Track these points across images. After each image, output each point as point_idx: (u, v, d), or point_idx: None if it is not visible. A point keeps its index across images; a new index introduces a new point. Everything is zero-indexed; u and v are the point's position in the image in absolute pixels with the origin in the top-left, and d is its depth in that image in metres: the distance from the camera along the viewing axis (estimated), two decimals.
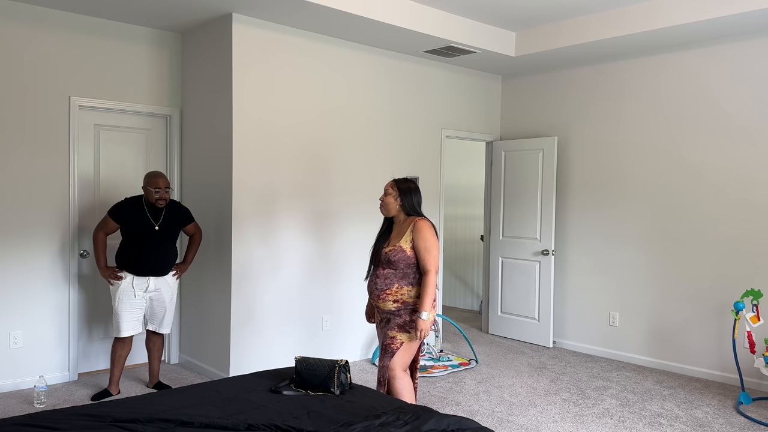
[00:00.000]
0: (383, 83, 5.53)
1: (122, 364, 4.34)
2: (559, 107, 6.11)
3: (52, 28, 4.54)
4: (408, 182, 3.52)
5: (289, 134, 4.91)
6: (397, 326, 3.39)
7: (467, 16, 5.19)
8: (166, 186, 4.25)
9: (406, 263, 3.38)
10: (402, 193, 3.48)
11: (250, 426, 2.57)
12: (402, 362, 3.41)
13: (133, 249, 4.21)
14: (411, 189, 3.49)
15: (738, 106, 4.92)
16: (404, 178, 3.55)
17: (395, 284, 3.38)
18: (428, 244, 3.36)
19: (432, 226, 3.43)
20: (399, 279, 3.39)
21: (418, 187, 3.54)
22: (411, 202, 3.48)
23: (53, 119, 4.58)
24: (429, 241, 3.36)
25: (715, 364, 5.04)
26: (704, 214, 5.10)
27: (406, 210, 3.49)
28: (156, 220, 4.26)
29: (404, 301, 3.38)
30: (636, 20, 4.85)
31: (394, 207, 3.49)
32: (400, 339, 3.38)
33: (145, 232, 4.21)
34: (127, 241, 4.24)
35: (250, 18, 4.62)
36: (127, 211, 4.23)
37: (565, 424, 3.97)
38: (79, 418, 2.60)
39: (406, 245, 3.39)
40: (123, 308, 4.22)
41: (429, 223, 3.43)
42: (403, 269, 3.39)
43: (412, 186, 3.51)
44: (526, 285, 6.19)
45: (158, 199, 4.22)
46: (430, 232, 3.39)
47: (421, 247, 3.36)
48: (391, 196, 3.49)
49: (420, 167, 5.86)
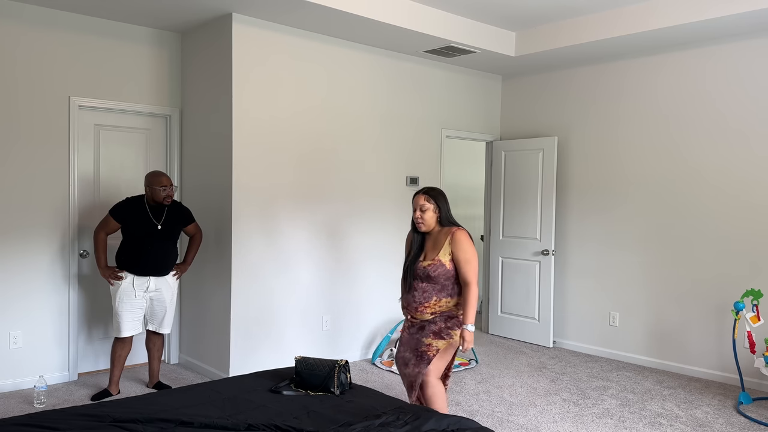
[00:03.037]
0: (383, 83, 5.53)
1: (122, 364, 4.34)
2: (559, 107, 6.11)
3: (51, 28, 4.54)
4: (439, 192, 3.44)
5: (290, 134, 4.91)
6: (432, 333, 3.36)
7: (467, 16, 5.19)
8: (170, 183, 4.27)
9: (446, 276, 3.34)
10: (438, 204, 3.41)
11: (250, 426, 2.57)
12: (437, 369, 3.38)
13: (134, 249, 4.21)
14: (443, 197, 3.43)
15: (737, 107, 4.92)
16: (433, 188, 3.46)
17: (434, 297, 3.35)
18: (468, 256, 3.31)
19: (469, 235, 3.38)
20: (438, 292, 3.35)
21: (445, 194, 3.48)
22: (447, 213, 3.43)
23: (53, 119, 4.58)
24: (469, 253, 3.31)
25: (715, 364, 5.04)
26: (704, 213, 5.10)
27: (442, 221, 3.42)
28: (158, 220, 4.26)
29: (441, 311, 3.37)
30: (636, 20, 4.85)
31: (434, 220, 3.41)
32: (436, 346, 3.35)
33: (147, 231, 4.21)
34: (128, 241, 4.24)
35: (249, 18, 4.62)
36: (129, 210, 4.23)
37: (565, 424, 3.97)
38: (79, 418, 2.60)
39: (445, 258, 3.34)
40: (123, 308, 4.22)
41: (466, 234, 3.38)
42: (442, 282, 3.35)
43: (443, 194, 3.44)
44: (526, 285, 6.19)
45: (165, 197, 4.23)
46: (468, 242, 3.34)
47: (461, 259, 3.31)
48: (430, 210, 3.40)
49: (420, 167, 5.86)
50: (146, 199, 4.29)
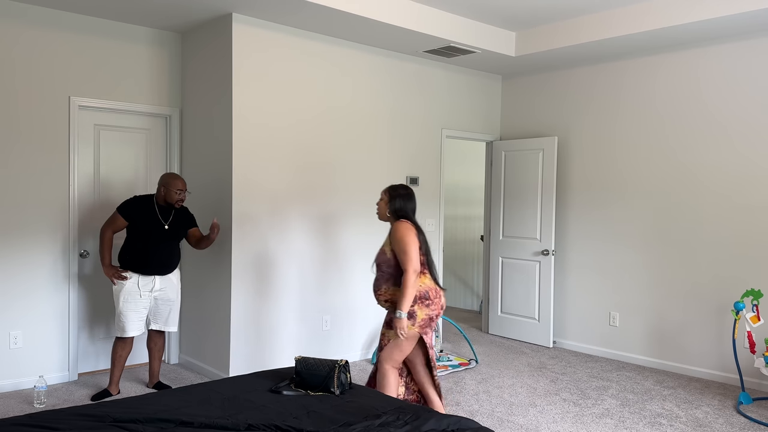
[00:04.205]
0: (383, 83, 5.53)
1: (123, 364, 4.34)
2: (560, 107, 6.11)
3: (51, 27, 4.54)
4: (400, 188, 3.62)
5: (290, 134, 4.91)
6: (386, 323, 3.60)
7: (467, 16, 5.19)
8: (185, 188, 4.33)
9: (388, 265, 3.52)
10: (392, 198, 3.60)
11: (250, 426, 2.57)
12: (390, 358, 3.52)
13: (139, 248, 4.22)
14: (401, 195, 3.59)
15: (738, 107, 4.92)
16: (399, 185, 3.65)
17: (383, 286, 3.55)
18: (402, 246, 3.43)
19: (411, 227, 3.49)
20: (386, 281, 3.54)
21: (410, 193, 3.62)
22: (397, 207, 3.58)
23: (53, 119, 4.58)
24: (403, 242, 3.43)
25: (715, 364, 5.04)
26: (704, 213, 5.10)
27: (394, 215, 3.59)
28: (166, 220, 4.28)
29: (393, 301, 3.53)
30: (636, 20, 4.85)
31: (384, 212, 3.64)
32: (387, 336, 3.56)
33: (154, 230, 4.22)
34: (134, 240, 4.24)
35: (250, 18, 4.62)
36: (137, 208, 4.24)
37: (565, 424, 3.97)
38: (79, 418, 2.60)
39: (388, 248, 3.54)
40: (129, 308, 4.22)
41: (407, 225, 3.49)
42: (388, 271, 3.53)
43: (402, 192, 3.60)
44: (526, 285, 6.19)
45: (178, 200, 4.28)
46: (404, 233, 3.45)
47: (396, 249, 3.46)
48: (383, 201, 3.64)
49: (420, 167, 5.86)
50: (156, 198, 4.31)
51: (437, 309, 3.51)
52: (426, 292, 3.46)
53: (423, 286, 3.47)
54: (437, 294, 3.52)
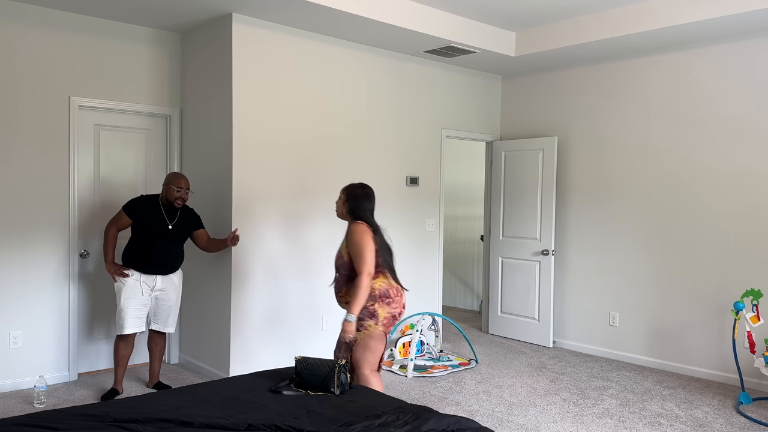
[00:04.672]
0: (383, 83, 5.53)
1: (125, 364, 4.33)
2: (559, 107, 6.11)
3: (51, 28, 4.54)
4: (357, 188, 3.56)
5: (290, 134, 4.91)
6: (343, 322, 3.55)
7: (467, 16, 5.19)
8: (187, 187, 4.31)
9: (345, 267, 3.47)
10: (349, 197, 3.54)
11: (250, 426, 2.57)
12: (364, 362, 3.47)
13: (143, 246, 4.22)
14: (357, 195, 3.54)
15: (739, 107, 4.92)
16: (357, 184, 3.60)
17: (343, 288, 3.50)
18: (357, 248, 3.39)
19: (367, 229, 3.44)
20: (345, 283, 3.49)
21: (368, 193, 3.56)
22: (353, 207, 3.52)
23: (53, 119, 4.58)
24: (358, 245, 3.38)
25: (715, 364, 5.04)
26: (704, 213, 5.10)
27: (352, 215, 3.54)
28: (171, 220, 4.28)
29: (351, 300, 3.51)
30: (637, 20, 4.85)
31: (341, 211, 3.58)
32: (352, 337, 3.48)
33: (159, 230, 4.23)
34: (138, 239, 4.25)
35: (250, 18, 4.62)
36: (142, 207, 4.25)
37: (565, 424, 3.97)
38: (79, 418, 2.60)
39: (345, 251, 3.48)
40: (129, 305, 4.22)
41: (362, 227, 3.44)
42: (345, 273, 3.49)
43: (360, 192, 3.54)
44: (526, 285, 6.19)
45: (177, 199, 4.26)
46: (359, 235, 3.40)
47: (351, 251, 3.42)
48: (340, 201, 3.58)
49: (420, 167, 5.86)
50: (161, 198, 4.32)
51: (399, 307, 3.51)
52: (386, 290, 3.45)
53: (383, 285, 3.46)
54: (398, 293, 3.51)
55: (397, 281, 3.54)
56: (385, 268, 3.50)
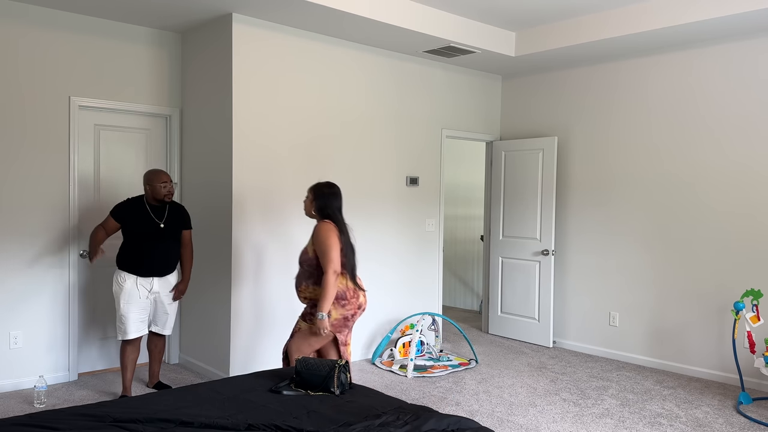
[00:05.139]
0: (383, 83, 5.53)
1: (133, 367, 4.26)
2: (559, 107, 6.11)
3: (51, 28, 4.54)
4: (324, 187, 3.66)
5: (290, 134, 4.91)
6: (301, 316, 3.69)
7: (467, 16, 5.19)
8: (170, 180, 4.25)
9: (309, 264, 3.59)
10: (316, 196, 3.64)
11: (250, 426, 2.57)
12: (298, 350, 3.62)
13: (136, 249, 4.16)
14: (324, 193, 3.64)
15: (740, 106, 4.92)
16: (324, 183, 3.69)
17: (303, 283, 3.63)
18: (323, 247, 3.48)
19: (333, 228, 3.54)
20: (306, 278, 3.61)
21: (334, 192, 3.66)
22: (321, 206, 3.63)
23: (53, 119, 4.58)
24: (324, 244, 3.48)
25: (715, 364, 5.04)
26: (704, 213, 5.10)
27: (319, 213, 3.64)
28: (160, 219, 4.23)
29: (312, 298, 3.62)
30: (637, 20, 4.85)
31: (309, 209, 3.69)
32: (299, 326, 3.67)
33: (150, 231, 4.16)
34: (131, 242, 4.18)
35: (250, 18, 4.62)
36: (130, 210, 4.18)
37: (565, 424, 3.97)
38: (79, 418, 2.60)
39: (310, 248, 3.59)
40: (129, 310, 4.16)
41: (329, 226, 3.54)
42: (308, 270, 3.60)
43: (327, 191, 3.65)
44: (526, 285, 6.19)
45: (166, 194, 4.20)
46: (325, 234, 3.50)
47: (317, 250, 3.52)
48: (308, 199, 3.69)
49: (420, 167, 5.86)
50: (146, 198, 4.24)
51: (353, 309, 3.58)
52: (343, 292, 3.53)
53: (340, 286, 3.54)
54: (354, 294, 3.59)
55: (355, 283, 3.61)
56: (346, 268, 3.57)
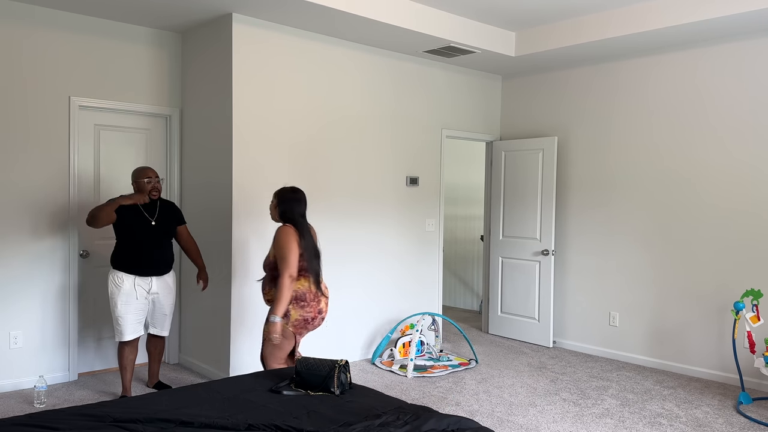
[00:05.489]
0: (383, 83, 5.53)
1: (132, 368, 4.25)
2: (559, 107, 6.12)
3: (51, 27, 4.54)
4: (287, 192, 3.71)
5: (290, 134, 4.91)
6: (267, 320, 3.62)
7: (467, 16, 5.19)
8: (156, 176, 4.21)
9: (270, 268, 3.66)
10: (279, 201, 3.69)
11: (250, 426, 2.57)
12: (271, 356, 3.65)
13: (131, 248, 4.13)
14: (287, 198, 3.68)
15: (741, 106, 4.92)
16: (288, 188, 3.73)
17: (267, 287, 3.70)
18: (281, 252, 3.53)
19: (293, 232, 3.57)
20: (269, 282, 3.68)
21: (298, 197, 3.70)
22: (284, 210, 3.67)
23: (53, 119, 4.58)
24: (283, 249, 3.52)
25: (715, 364, 5.04)
26: (704, 213, 5.10)
27: (281, 218, 3.68)
28: (151, 216, 4.22)
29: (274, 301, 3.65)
30: (637, 20, 4.85)
31: (274, 214, 3.73)
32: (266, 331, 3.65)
33: (142, 228, 4.14)
34: (124, 241, 4.15)
35: (250, 18, 4.62)
36: (123, 206, 4.14)
37: (565, 424, 3.97)
38: (79, 418, 2.60)
39: (272, 252, 3.65)
40: (126, 311, 4.13)
41: (287, 230, 3.58)
42: (271, 273, 3.67)
43: (289, 196, 3.69)
44: (526, 285, 6.19)
45: (152, 190, 4.17)
46: (283, 238, 3.55)
47: (276, 254, 3.57)
48: (273, 204, 3.73)
49: (420, 167, 5.86)
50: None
51: (313, 312, 3.62)
52: (303, 294, 3.58)
53: (301, 288, 3.58)
54: (315, 298, 3.63)
55: (318, 286, 3.64)
56: (309, 272, 3.62)
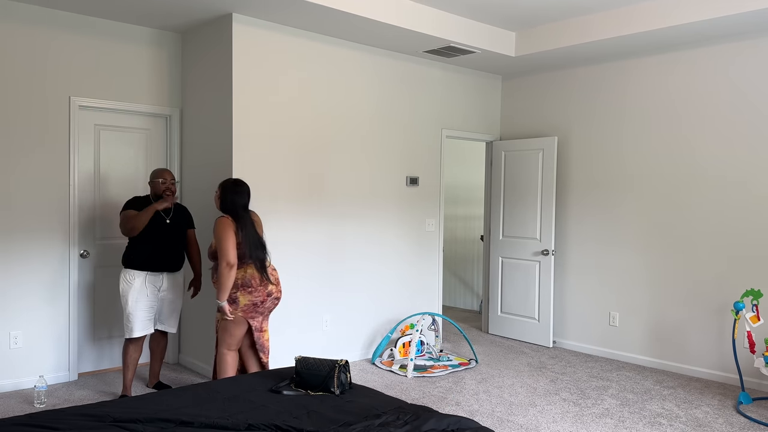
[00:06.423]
0: (383, 83, 5.53)
1: (135, 367, 4.26)
2: (559, 107, 6.12)
3: (52, 28, 4.54)
4: (229, 184, 3.88)
5: (290, 134, 4.91)
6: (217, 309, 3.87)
7: (467, 16, 5.19)
8: (172, 178, 4.30)
9: (213, 257, 3.87)
10: (222, 193, 3.88)
11: (250, 426, 2.57)
12: (222, 341, 3.85)
13: (145, 245, 4.18)
14: (230, 190, 3.86)
15: (738, 108, 4.92)
16: (231, 180, 3.90)
17: (214, 275, 3.86)
18: (218, 241, 3.72)
19: (229, 223, 3.74)
20: (215, 270, 3.86)
21: (239, 190, 3.87)
22: (223, 201, 3.86)
23: (53, 119, 4.58)
24: (218, 237, 3.72)
25: (715, 364, 5.04)
26: (704, 213, 5.10)
27: (221, 208, 3.87)
28: (166, 215, 4.28)
29: None
30: (637, 20, 4.85)
31: (217, 205, 3.91)
32: (217, 319, 3.90)
33: (157, 226, 4.21)
34: (140, 239, 4.19)
35: (250, 18, 4.62)
36: (139, 205, 4.23)
37: (565, 424, 3.97)
38: (79, 418, 2.61)
39: (213, 242, 3.83)
40: (137, 308, 4.17)
41: (223, 221, 3.75)
42: (214, 262, 3.88)
43: (231, 188, 3.87)
44: (526, 285, 6.19)
45: (164, 190, 4.25)
46: (220, 227, 3.73)
47: (215, 244, 3.77)
48: (216, 195, 3.92)
49: (420, 167, 5.86)
50: (151, 196, 4.30)
51: (261, 296, 3.82)
52: (249, 280, 3.78)
53: (246, 276, 3.78)
54: (262, 283, 3.82)
55: (262, 273, 3.82)
56: (253, 260, 3.80)
